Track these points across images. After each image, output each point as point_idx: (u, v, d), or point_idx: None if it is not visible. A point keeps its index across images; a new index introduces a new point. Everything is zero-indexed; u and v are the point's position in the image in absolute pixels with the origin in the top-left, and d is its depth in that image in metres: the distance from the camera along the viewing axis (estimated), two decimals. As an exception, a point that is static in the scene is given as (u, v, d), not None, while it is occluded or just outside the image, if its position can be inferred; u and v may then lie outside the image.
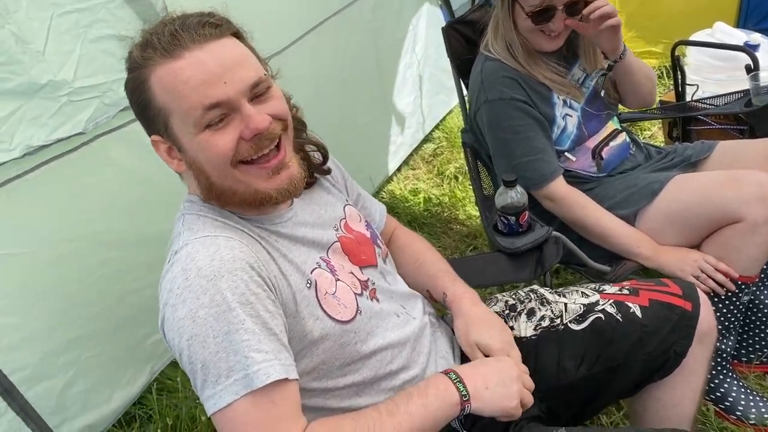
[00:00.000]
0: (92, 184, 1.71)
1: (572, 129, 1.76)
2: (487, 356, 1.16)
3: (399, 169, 3.50)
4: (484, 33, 1.82)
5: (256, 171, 0.99)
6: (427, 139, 3.70)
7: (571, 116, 1.75)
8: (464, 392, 1.00)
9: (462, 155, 3.34)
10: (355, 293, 1.09)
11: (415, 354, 1.15)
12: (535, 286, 1.39)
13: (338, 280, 1.08)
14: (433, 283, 1.32)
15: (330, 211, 1.19)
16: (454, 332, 1.24)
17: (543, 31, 1.67)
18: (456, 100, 3.77)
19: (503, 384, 1.03)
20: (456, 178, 3.30)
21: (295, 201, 1.13)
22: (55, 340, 1.69)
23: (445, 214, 3.06)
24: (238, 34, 1.00)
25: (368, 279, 1.15)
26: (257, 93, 0.97)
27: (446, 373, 1.03)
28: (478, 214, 2.87)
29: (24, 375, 1.60)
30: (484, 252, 2.53)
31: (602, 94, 1.80)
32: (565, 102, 1.75)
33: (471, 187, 3.05)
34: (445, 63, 3.34)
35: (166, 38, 0.93)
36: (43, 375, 1.66)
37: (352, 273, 1.12)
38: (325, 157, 1.23)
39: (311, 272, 1.05)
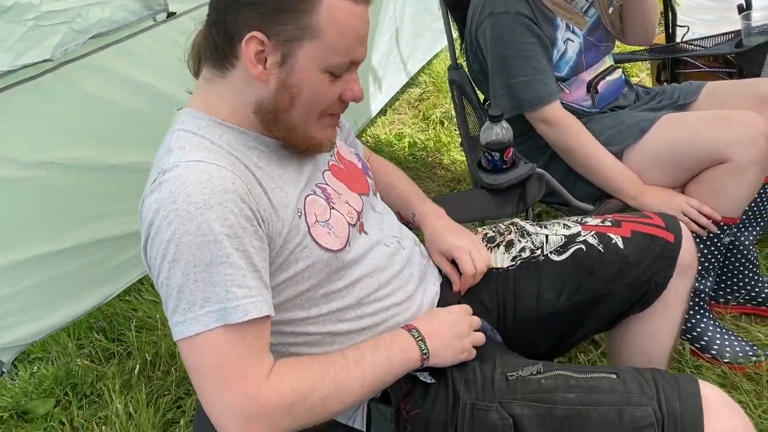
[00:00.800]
0: (57, 112, 1.67)
1: (572, 55, 1.73)
2: (453, 262, 1.23)
3: (384, 113, 3.47)
4: None
5: (326, 120, 1.04)
6: (412, 84, 3.66)
7: (573, 42, 1.72)
8: (425, 351, 1.03)
9: (448, 100, 3.33)
10: (349, 223, 1.09)
11: (403, 282, 1.14)
12: (516, 219, 1.38)
13: (333, 208, 1.07)
14: (402, 204, 1.36)
15: None
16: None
17: None
18: (441, 44, 3.73)
19: (458, 337, 1.07)
20: (442, 122, 3.28)
21: None
22: (5, 258, 1.68)
23: (430, 159, 3.05)
24: None
25: (362, 209, 1.14)
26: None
27: (409, 329, 1.06)
28: (463, 158, 2.87)
29: None
30: (466, 191, 2.53)
31: (610, 11, 1.77)
32: (568, 26, 1.71)
33: (456, 132, 3.05)
34: (429, 3, 3.27)
35: None
36: None
37: (348, 203, 1.11)
38: None
39: (304, 199, 1.03)
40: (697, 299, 1.69)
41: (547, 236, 1.27)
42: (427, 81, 3.67)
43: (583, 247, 1.21)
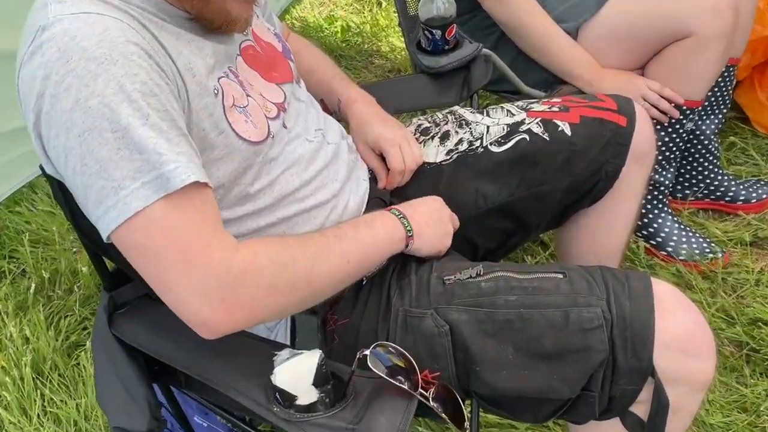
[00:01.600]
0: None
1: None
2: (380, 155, 1.23)
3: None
4: None
5: None
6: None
7: None
8: (409, 228, 1.04)
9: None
10: (267, 116, 1.04)
11: (327, 180, 1.12)
12: (455, 107, 1.35)
13: (249, 95, 1.02)
14: (325, 91, 1.33)
15: None
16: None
17: None
18: None
19: (440, 222, 1.09)
20: (379, 3, 3.18)
21: None
22: None
23: (366, 46, 2.97)
24: None
25: (283, 100, 1.09)
26: None
27: (389, 209, 1.07)
28: (402, 44, 2.80)
29: None
30: (402, 76, 2.47)
31: None
32: None
33: (395, 12, 2.96)
34: None
35: None
36: None
37: (263, 95, 1.06)
38: None
39: (218, 80, 0.97)
40: (655, 192, 1.73)
41: (487, 126, 1.25)
42: (362, -45, 3.52)
43: (527, 136, 1.21)
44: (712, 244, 1.73)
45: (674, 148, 1.68)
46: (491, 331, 0.95)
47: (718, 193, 1.86)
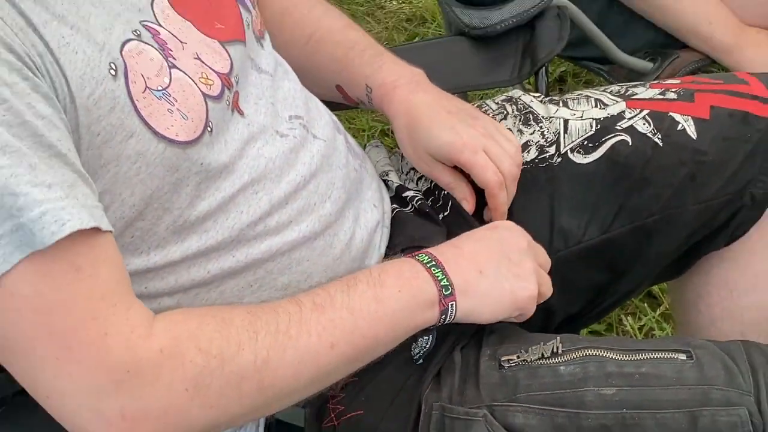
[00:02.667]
0: None
1: None
2: (455, 168, 1.14)
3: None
4: None
5: None
6: None
7: None
8: (444, 282, 0.95)
9: None
10: (205, 94, 0.96)
11: (315, 198, 1.06)
12: (517, 91, 1.29)
13: (174, 66, 0.94)
14: (346, 72, 1.25)
15: None
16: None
17: None
18: None
19: (509, 262, 1.00)
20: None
21: None
22: None
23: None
24: None
25: (231, 70, 1.02)
26: None
27: (413, 255, 0.99)
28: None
29: None
30: (438, 37, 2.44)
31: None
32: None
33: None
34: None
35: None
36: None
37: (199, 58, 0.99)
38: None
39: (120, 48, 0.90)
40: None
41: (566, 121, 1.20)
42: None
43: (628, 138, 1.14)
44: None
45: None
46: None
47: None
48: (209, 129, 0.96)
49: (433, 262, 0.96)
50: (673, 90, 1.19)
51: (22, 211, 0.77)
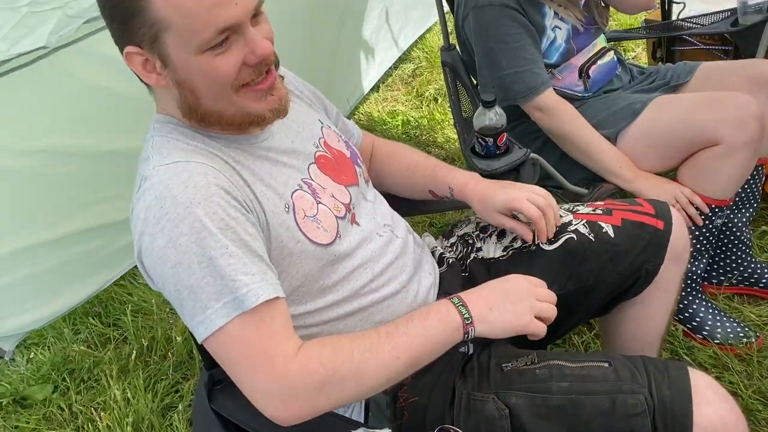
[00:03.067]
0: (50, 99, 1.67)
1: (561, 42, 1.73)
2: (515, 218, 1.22)
3: (376, 90, 3.45)
4: None
5: (252, 93, 0.98)
6: (405, 59, 3.64)
7: (561, 29, 1.73)
8: (467, 315, 1.00)
9: (442, 76, 3.32)
10: (336, 216, 1.09)
11: (397, 272, 1.16)
12: None
13: (320, 203, 1.08)
14: (433, 182, 1.33)
15: (308, 129, 1.18)
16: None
17: None
18: (435, 18, 3.70)
19: (510, 302, 1.02)
20: (435, 99, 3.27)
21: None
22: (4, 248, 1.70)
23: (424, 137, 3.05)
24: None
25: (351, 201, 1.15)
26: (255, 14, 0.95)
27: (450, 298, 1.03)
28: (456, 137, 2.86)
29: None
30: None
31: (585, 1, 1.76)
32: (556, 14, 1.72)
33: (450, 109, 3.04)
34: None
35: None
36: None
37: (333, 196, 1.12)
38: None
39: (291, 195, 1.04)
40: (689, 281, 1.71)
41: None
42: (421, 56, 3.64)
43: (574, 236, 1.23)
44: (746, 328, 1.70)
45: (705, 242, 1.67)
46: (546, 414, 0.97)
47: (752, 280, 1.83)
48: (339, 235, 1.08)
49: (460, 303, 1.01)
50: (600, 208, 1.28)
51: (237, 290, 0.89)
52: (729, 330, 1.69)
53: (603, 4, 1.82)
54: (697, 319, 1.72)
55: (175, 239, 0.89)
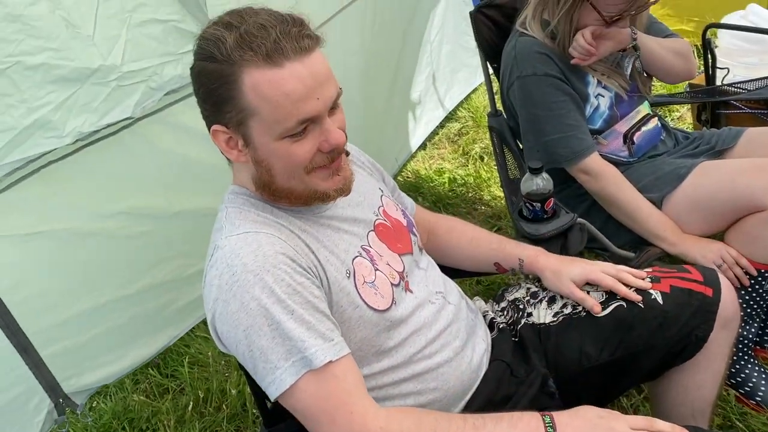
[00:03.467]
0: (131, 165, 1.78)
1: (605, 109, 1.77)
2: (587, 284, 1.27)
3: (424, 148, 3.53)
4: (516, 14, 1.84)
5: (321, 173, 1.06)
6: (451, 118, 3.72)
7: (604, 96, 1.77)
8: None
9: (488, 135, 3.37)
10: (392, 283, 1.14)
11: (450, 337, 1.18)
12: None
13: (377, 269, 1.13)
14: (501, 255, 1.38)
15: (369, 198, 1.24)
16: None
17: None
18: (480, 79, 3.77)
19: None
20: (481, 158, 3.33)
21: None
22: (81, 305, 1.78)
23: (470, 195, 3.09)
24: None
25: (404, 269, 1.19)
26: (333, 106, 1.03)
27: (542, 414, 1.00)
28: (502, 195, 2.88)
29: (44, 336, 1.69)
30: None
31: (630, 71, 1.80)
32: (599, 81, 1.76)
33: (495, 166, 3.09)
34: (467, 41, 3.34)
35: (269, 44, 0.95)
36: (63, 336, 1.75)
37: (389, 264, 1.16)
38: None
39: (352, 261, 1.10)
40: (740, 345, 1.69)
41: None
42: (466, 116, 3.72)
43: (624, 303, 1.24)
44: (802, 393, 1.66)
45: (755, 306, 1.66)
46: None
47: (805, 343, 1.80)
48: (394, 302, 1.13)
49: (551, 424, 0.98)
50: (648, 276, 1.29)
51: (307, 349, 0.95)
52: (783, 396, 1.66)
53: (645, 74, 1.86)
54: (750, 384, 1.69)
55: (247, 304, 0.95)
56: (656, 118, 1.88)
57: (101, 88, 1.56)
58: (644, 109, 1.86)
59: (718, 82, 2.23)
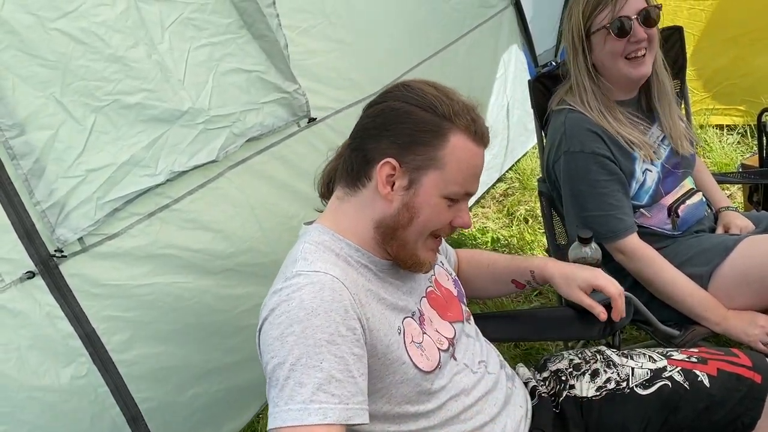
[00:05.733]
0: (227, 214, 1.80)
1: (651, 184, 1.76)
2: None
3: (469, 206, 3.55)
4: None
5: (432, 243, 1.15)
6: (499, 179, 3.73)
7: (651, 171, 1.76)
8: None
9: (534, 198, 3.38)
10: (439, 348, 1.15)
11: (487, 406, 1.19)
12: (602, 347, 1.40)
13: (425, 333, 1.14)
14: (514, 272, 1.43)
15: None
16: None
17: (627, 57, 1.68)
18: (532, 142, 3.81)
19: None
20: (526, 220, 3.31)
21: None
22: (189, 372, 1.77)
23: (513, 256, 3.08)
24: None
25: (455, 336, 1.20)
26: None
27: None
28: (545, 259, 2.88)
29: (152, 405, 1.69)
30: (552, 307, 2.46)
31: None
32: (646, 156, 1.76)
33: (540, 231, 3.07)
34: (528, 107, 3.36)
35: (481, 126, 1.12)
36: (170, 405, 1.74)
37: (438, 330, 1.18)
38: None
39: (403, 320, 1.12)
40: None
41: (633, 368, 1.28)
42: (513, 177, 3.72)
43: (669, 383, 1.23)
44: None
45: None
46: None
47: None
48: (439, 366, 1.13)
49: None
50: (695, 356, 1.28)
51: (312, 403, 0.92)
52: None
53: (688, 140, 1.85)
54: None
55: (285, 336, 0.96)
56: (700, 193, 1.86)
57: (189, 129, 1.61)
58: (688, 183, 1.85)
59: (773, 165, 2.20)
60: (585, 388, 1.30)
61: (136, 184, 1.53)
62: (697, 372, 1.23)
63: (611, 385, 1.28)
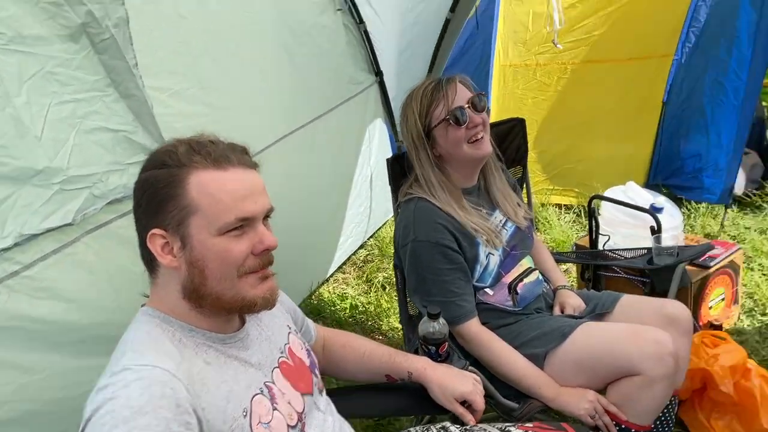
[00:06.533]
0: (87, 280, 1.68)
1: (494, 267, 1.86)
2: (464, 403, 1.39)
3: (330, 273, 3.56)
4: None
5: (251, 279, 1.09)
6: (360, 245, 3.80)
7: (494, 255, 1.86)
8: None
9: (391, 265, 3.45)
10: (288, 425, 1.12)
11: None
12: (447, 423, 1.43)
13: (275, 409, 1.10)
14: (391, 368, 1.45)
15: (277, 334, 1.23)
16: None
17: (470, 141, 1.80)
18: (391, 213, 3.93)
19: None
20: (384, 287, 3.38)
21: (247, 322, 1.18)
22: None
23: (369, 323, 3.10)
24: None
25: (304, 410, 1.17)
26: (266, 216, 1.12)
27: None
28: (400, 327, 2.93)
29: None
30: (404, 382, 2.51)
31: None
32: (488, 242, 1.86)
33: (397, 298, 3.14)
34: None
35: (218, 152, 1.06)
36: None
37: (290, 403, 1.14)
38: None
39: (251, 399, 1.07)
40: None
41: None
42: (373, 244, 3.81)
43: None
44: None
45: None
46: None
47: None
48: None
49: None
50: (530, 431, 1.34)
51: None
52: None
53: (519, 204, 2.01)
54: None
55: None
56: (537, 271, 1.99)
57: (43, 190, 1.50)
58: (526, 262, 1.98)
59: (600, 246, 2.43)
60: None
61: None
62: None
63: None
